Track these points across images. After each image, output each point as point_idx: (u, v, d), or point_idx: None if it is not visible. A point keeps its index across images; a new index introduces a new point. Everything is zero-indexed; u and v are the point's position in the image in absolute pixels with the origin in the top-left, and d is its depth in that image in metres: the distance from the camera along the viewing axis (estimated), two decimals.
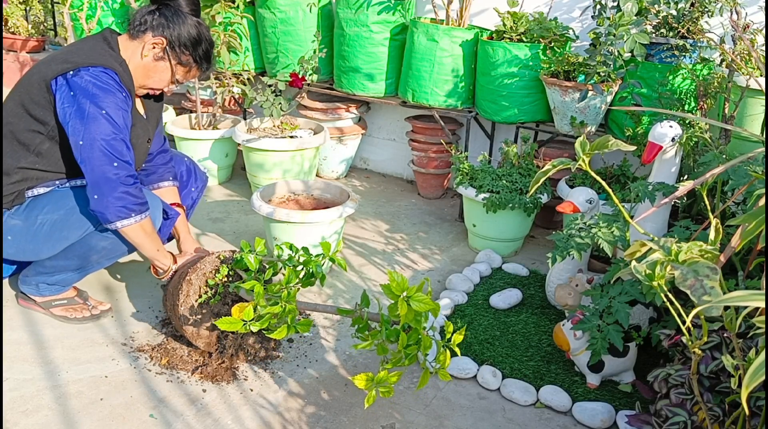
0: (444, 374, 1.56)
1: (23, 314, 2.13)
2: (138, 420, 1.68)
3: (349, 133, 3.40)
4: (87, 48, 1.89)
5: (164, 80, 1.98)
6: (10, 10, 4.41)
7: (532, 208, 2.54)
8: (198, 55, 1.97)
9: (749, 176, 1.61)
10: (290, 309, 1.62)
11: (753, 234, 1.26)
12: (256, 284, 1.63)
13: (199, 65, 1.99)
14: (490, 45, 2.76)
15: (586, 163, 1.33)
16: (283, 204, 2.56)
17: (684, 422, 1.35)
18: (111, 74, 1.85)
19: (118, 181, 1.79)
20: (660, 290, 1.07)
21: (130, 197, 1.81)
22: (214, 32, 3.10)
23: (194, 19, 1.95)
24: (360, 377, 1.49)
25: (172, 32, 1.91)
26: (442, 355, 1.56)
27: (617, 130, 2.68)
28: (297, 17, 3.19)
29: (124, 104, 1.87)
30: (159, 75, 1.97)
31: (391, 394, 1.50)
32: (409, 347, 1.53)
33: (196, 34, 1.94)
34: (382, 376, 1.49)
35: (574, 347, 1.86)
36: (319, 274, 1.76)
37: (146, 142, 2.07)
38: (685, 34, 2.49)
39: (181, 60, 1.95)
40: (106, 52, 1.90)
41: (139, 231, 1.85)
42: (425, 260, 2.66)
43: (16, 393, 1.76)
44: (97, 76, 1.83)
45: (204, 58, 1.99)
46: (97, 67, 1.84)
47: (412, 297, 1.47)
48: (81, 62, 1.83)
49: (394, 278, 1.48)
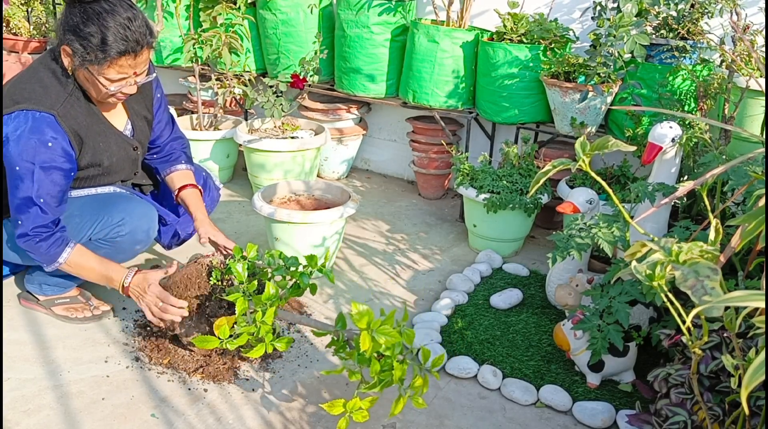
0: (418, 402, 1.53)
1: (25, 314, 2.13)
2: (139, 420, 1.69)
3: (349, 133, 3.41)
4: (29, 82, 1.78)
5: (100, 89, 1.78)
6: (11, 11, 4.41)
7: (532, 208, 2.54)
8: (94, 44, 1.68)
9: (749, 176, 1.61)
10: (266, 329, 1.61)
11: (753, 234, 1.27)
12: (239, 298, 1.63)
13: (111, 56, 1.69)
14: (491, 46, 2.77)
15: (587, 164, 1.33)
16: (285, 204, 2.57)
17: (684, 422, 1.35)
18: (42, 120, 1.73)
19: (18, 241, 1.80)
20: (660, 290, 1.07)
21: (32, 253, 1.82)
22: (215, 33, 3.10)
23: (87, 3, 1.69)
24: (332, 403, 1.49)
25: (67, 32, 1.71)
26: (418, 380, 1.54)
27: (617, 131, 2.69)
28: (298, 18, 3.20)
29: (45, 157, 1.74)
30: (91, 86, 1.79)
31: (366, 419, 1.50)
32: (384, 373, 1.51)
33: (80, 21, 1.68)
34: (354, 404, 1.48)
35: (575, 347, 1.86)
36: (305, 285, 1.76)
37: (132, 150, 2.02)
38: (685, 35, 2.49)
39: (87, 59, 1.71)
40: (47, 87, 1.77)
41: (69, 269, 1.86)
42: (426, 260, 2.66)
43: (17, 393, 1.76)
44: (18, 125, 1.73)
45: (108, 44, 1.68)
46: (30, 110, 1.73)
47: (377, 330, 1.45)
48: (18, 102, 1.74)
49: (357, 309, 1.45)
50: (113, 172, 2.00)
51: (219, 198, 2.37)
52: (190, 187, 2.12)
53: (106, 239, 1.93)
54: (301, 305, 2.26)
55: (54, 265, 1.84)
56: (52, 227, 1.81)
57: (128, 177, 2.10)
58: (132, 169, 2.07)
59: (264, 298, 1.65)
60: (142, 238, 1.99)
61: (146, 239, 2.01)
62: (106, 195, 2.01)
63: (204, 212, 2.09)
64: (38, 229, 1.79)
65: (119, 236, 1.93)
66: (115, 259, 1.97)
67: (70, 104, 1.81)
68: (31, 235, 1.79)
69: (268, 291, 1.66)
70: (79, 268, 1.86)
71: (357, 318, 1.45)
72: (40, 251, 1.81)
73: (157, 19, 3.17)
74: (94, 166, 1.93)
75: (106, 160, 1.94)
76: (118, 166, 1.99)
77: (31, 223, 1.78)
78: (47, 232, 1.80)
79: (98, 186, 2.02)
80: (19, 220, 1.79)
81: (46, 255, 1.82)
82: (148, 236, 2.01)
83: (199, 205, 2.10)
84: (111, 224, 1.92)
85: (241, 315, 1.63)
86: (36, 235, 1.79)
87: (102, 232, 1.92)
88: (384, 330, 1.45)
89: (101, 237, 1.92)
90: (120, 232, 1.93)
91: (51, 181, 1.77)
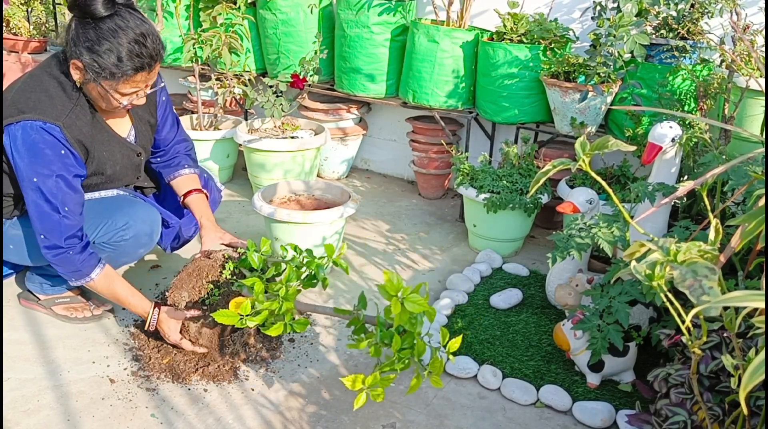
0: (436, 381, 1.53)
1: (25, 314, 2.13)
2: (139, 419, 1.69)
3: (350, 133, 3.41)
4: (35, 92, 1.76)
5: (112, 102, 1.78)
6: (11, 11, 4.41)
7: (532, 208, 2.54)
8: (110, 63, 1.68)
9: (749, 176, 1.61)
10: (287, 307, 1.61)
11: (753, 234, 1.26)
12: (257, 281, 1.63)
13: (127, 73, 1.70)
14: (491, 46, 2.77)
15: (587, 164, 1.33)
16: (285, 204, 2.57)
17: (684, 422, 1.35)
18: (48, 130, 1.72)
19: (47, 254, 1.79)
20: (660, 290, 1.07)
21: (60, 267, 1.81)
22: (215, 33, 3.10)
23: (99, 19, 1.67)
24: (349, 378, 1.47)
25: (80, 48, 1.68)
26: (436, 361, 1.55)
27: (617, 131, 2.69)
28: (298, 18, 3.20)
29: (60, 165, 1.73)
30: (102, 99, 1.78)
31: (381, 398, 1.49)
32: (403, 351, 1.51)
33: (94, 38, 1.66)
34: (373, 379, 1.47)
35: (575, 347, 1.86)
36: (321, 277, 1.76)
37: (135, 156, 2.01)
38: (685, 35, 2.49)
39: (101, 75, 1.70)
40: (53, 98, 1.75)
41: (97, 288, 1.86)
42: (426, 260, 2.66)
43: (17, 393, 1.76)
44: (27, 136, 1.71)
45: (123, 61, 1.68)
46: (36, 121, 1.71)
47: (406, 298, 1.45)
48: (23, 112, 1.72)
49: (389, 278, 1.46)
50: (116, 179, 2.00)
51: (220, 199, 2.37)
52: (196, 192, 2.11)
53: (109, 243, 1.92)
54: None
55: (82, 281, 1.82)
56: (83, 238, 1.80)
57: (131, 182, 2.10)
58: (135, 175, 2.07)
59: (285, 279, 1.65)
60: (146, 242, 1.99)
61: (150, 243, 2.01)
62: (110, 199, 2.01)
63: (210, 218, 2.07)
64: (71, 240, 1.77)
65: (123, 240, 1.93)
66: (118, 262, 1.97)
67: (75, 115, 1.79)
68: (65, 247, 1.77)
69: (289, 272, 1.66)
70: (108, 290, 1.87)
71: (389, 285, 1.45)
72: (73, 263, 1.79)
73: (157, 19, 3.17)
74: (98, 174, 1.93)
75: (109, 168, 1.93)
76: (121, 173, 1.99)
77: (60, 234, 1.75)
78: (80, 243, 1.79)
79: (101, 190, 2.02)
80: (45, 234, 1.76)
81: (80, 270, 1.80)
82: (151, 240, 2.01)
83: (205, 210, 2.09)
84: (115, 228, 1.91)
85: (260, 294, 1.62)
86: (70, 247, 1.77)
87: (106, 235, 1.91)
88: (413, 298, 1.45)
89: (105, 241, 1.92)
90: (124, 235, 1.92)
91: (72, 188, 1.77)
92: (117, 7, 1.69)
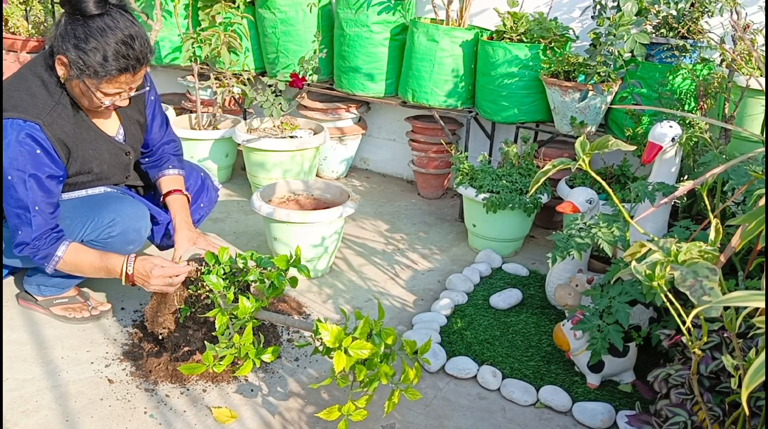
0: (413, 393, 1.54)
1: (24, 314, 2.13)
2: (138, 420, 1.68)
3: (349, 133, 3.40)
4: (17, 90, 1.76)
5: (94, 101, 1.78)
6: (10, 10, 4.40)
7: (532, 208, 2.54)
8: (95, 61, 1.67)
9: (749, 176, 1.61)
10: (247, 348, 1.61)
11: (753, 234, 1.26)
12: (218, 314, 1.64)
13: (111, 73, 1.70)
14: (490, 45, 2.76)
15: (586, 163, 1.33)
16: (283, 204, 2.56)
17: (684, 422, 1.35)
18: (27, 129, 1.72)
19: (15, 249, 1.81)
20: (660, 290, 1.07)
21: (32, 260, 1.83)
22: (214, 32, 3.10)
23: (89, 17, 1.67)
24: (324, 412, 1.51)
25: (67, 43, 1.68)
26: (409, 372, 1.54)
27: (617, 130, 2.68)
28: (297, 17, 3.19)
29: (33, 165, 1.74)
30: (84, 97, 1.78)
31: (365, 416, 1.52)
32: (373, 374, 1.51)
33: (82, 34, 1.66)
34: (348, 409, 1.50)
35: (574, 347, 1.86)
36: (283, 285, 1.75)
37: (124, 155, 2.01)
38: (685, 35, 2.49)
39: (85, 73, 1.70)
40: (35, 96, 1.75)
41: (67, 265, 1.85)
42: (425, 260, 2.66)
43: (16, 393, 1.76)
44: (5, 135, 1.71)
45: (108, 61, 1.68)
46: (16, 119, 1.72)
47: (350, 346, 1.45)
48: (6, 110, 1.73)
49: (326, 329, 1.46)
50: (104, 177, 1.99)
51: (218, 198, 2.36)
52: (176, 192, 2.09)
53: (97, 240, 1.91)
54: (300, 305, 2.26)
55: (52, 262, 1.83)
56: (53, 235, 1.82)
57: (119, 181, 2.09)
58: (123, 174, 2.06)
59: (240, 315, 1.64)
60: (134, 238, 1.97)
61: (138, 239, 1.99)
62: (97, 196, 2.00)
63: (186, 219, 2.03)
64: (38, 242, 1.79)
65: (110, 237, 1.92)
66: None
67: (57, 113, 1.79)
68: (32, 244, 1.79)
69: (243, 305, 1.64)
70: (78, 263, 1.85)
71: (331, 339, 1.46)
72: (38, 255, 1.81)
73: (156, 18, 3.16)
74: (84, 173, 1.92)
75: (96, 167, 1.93)
76: (109, 172, 1.98)
77: (30, 233, 1.78)
78: (49, 239, 1.81)
79: (88, 188, 2.01)
80: (19, 230, 1.79)
81: (44, 257, 1.82)
82: (140, 236, 1.99)
83: (180, 211, 2.05)
84: (102, 225, 1.90)
85: (221, 333, 1.64)
86: (38, 247, 1.80)
87: (93, 233, 1.90)
88: (358, 344, 1.46)
89: (93, 238, 1.91)
90: (111, 232, 1.91)
91: (43, 188, 1.78)
92: (108, 7, 1.69)
